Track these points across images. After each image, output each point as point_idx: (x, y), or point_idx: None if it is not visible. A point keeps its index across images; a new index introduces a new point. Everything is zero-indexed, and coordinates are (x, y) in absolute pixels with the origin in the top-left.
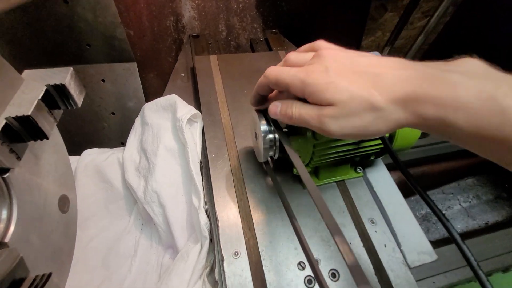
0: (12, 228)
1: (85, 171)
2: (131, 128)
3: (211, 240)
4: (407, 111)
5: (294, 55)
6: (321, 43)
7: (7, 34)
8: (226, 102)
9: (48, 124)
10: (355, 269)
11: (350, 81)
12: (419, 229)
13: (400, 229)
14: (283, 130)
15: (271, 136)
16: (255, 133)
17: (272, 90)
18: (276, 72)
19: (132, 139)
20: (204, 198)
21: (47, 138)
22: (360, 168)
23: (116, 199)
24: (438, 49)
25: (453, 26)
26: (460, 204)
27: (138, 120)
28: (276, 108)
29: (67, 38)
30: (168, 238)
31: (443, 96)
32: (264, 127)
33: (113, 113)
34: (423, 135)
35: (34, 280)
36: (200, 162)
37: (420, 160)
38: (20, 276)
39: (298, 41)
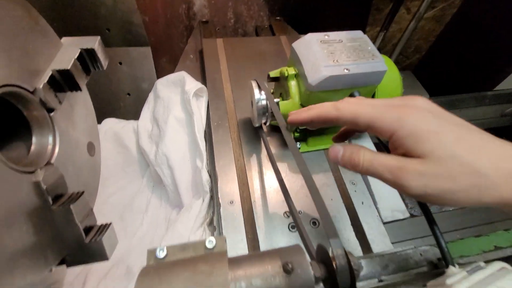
0: (56, 152)
1: (105, 136)
2: None
3: (211, 197)
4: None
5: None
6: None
7: None
8: (229, 79)
9: (81, 79)
10: (326, 220)
11: (456, 138)
12: (395, 191)
13: (378, 190)
14: (275, 100)
15: (263, 103)
16: (251, 101)
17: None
18: (354, 106)
19: (146, 111)
20: (207, 160)
21: (81, 90)
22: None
23: (131, 163)
24: (445, 40)
25: (461, 16)
26: None
27: (151, 95)
28: (337, 152)
29: (89, 22)
30: (175, 197)
31: None
32: (258, 95)
33: (129, 94)
34: None
35: (71, 194)
36: (204, 130)
37: None
38: (61, 190)
39: (302, 29)
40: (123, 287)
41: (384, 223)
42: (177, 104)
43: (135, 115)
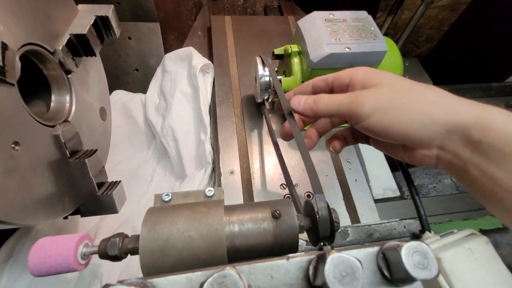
0: (73, 111)
1: (114, 106)
2: None
3: (213, 169)
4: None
5: None
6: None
7: None
8: (236, 56)
9: (96, 45)
10: (312, 177)
11: (402, 78)
12: (388, 171)
13: (371, 169)
14: (278, 77)
15: (266, 79)
16: (255, 77)
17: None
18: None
19: (153, 84)
20: (210, 134)
21: (95, 56)
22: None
23: (138, 134)
24: (458, 30)
25: (477, 6)
26: (450, 179)
27: (159, 69)
28: (300, 99)
29: None
30: (179, 168)
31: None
32: (261, 71)
33: (137, 70)
34: None
35: (86, 151)
36: (209, 105)
37: None
38: (77, 147)
39: (312, 9)
40: None
41: (375, 200)
42: (184, 78)
43: (143, 91)
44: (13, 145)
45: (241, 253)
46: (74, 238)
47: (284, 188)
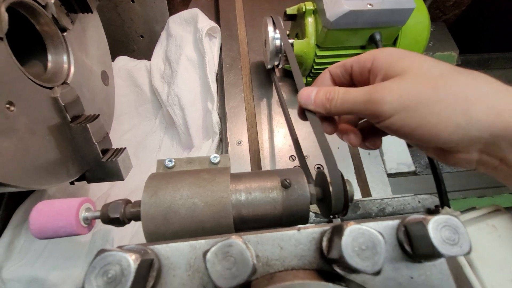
0: (71, 73)
1: (118, 73)
2: None
3: (220, 139)
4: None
5: None
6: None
7: None
8: (244, 19)
9: (92, 1)
10: (325, 149)
11: (432, 61)
12: (404, 145)
13: (386, 143)
14: (289, 40)
15: (277, 42)
16: (265, 41)
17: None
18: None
19: (158, 50)
20: (217, 103)
21: (91, 12)
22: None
23: (144, 102)
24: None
25: None
26: None
27: (163, 34)
28: (310, 93)
29: None
30: (186, 138)
31: None
32: (272, 33)
33: (142, 36)
34: None
35: (88, 116)
36: (216, 72)
37: None
38: (78, 111)
39: None
40: None
41: (388, 175)
42: (190, 43)
43: (149, 59)
44: (7, 105)
45: (248, 222)
46: (74, 202)
47: (294, 160)
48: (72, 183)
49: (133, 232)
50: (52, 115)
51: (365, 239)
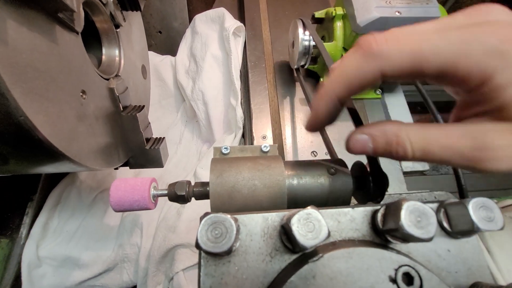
0: (122, 66)
1: None
2: (174, 49)
3: (243, 135)
4: None
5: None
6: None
7: None
8: (268, 20)
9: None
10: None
11: None
12: None
13: None
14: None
15: (306, 44)
16: (293, 42)
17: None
18: (409, 39)
19: (183, 46)
20: (241, 99)
21: (141, 10)
22: (380, 90)
23: (167, 96)
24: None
25: None
26: None
27: (188, 31)
28: (365, 143)
29: None
30: (207, 132)
31: None
32: (302, 35)
33: (160, 32)
34: None
35: (135, 106)
36: (240, 70)
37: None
38: (127, 102)
39: None
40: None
41: (404, 173)
42: (215, 41)
43: (166, 54)
44: (81, 94)
45: (298, 204)
46: (146, 180)
47: (315, 156)
48: (116, 168)
49: (161, 217)
50: (109, 104)
51: (419, 212)
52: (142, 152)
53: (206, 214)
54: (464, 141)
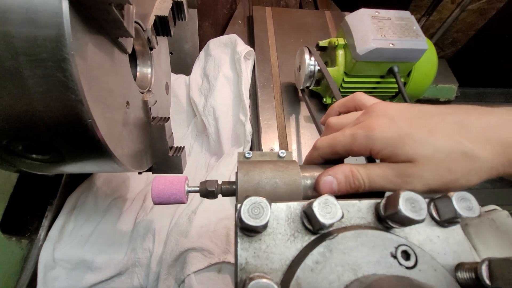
0: (153, 82)
1: None
2: (183, 69)
3: (250, 149)
4: (505, 158)
5: (335, 119)
6: (362, 95)
7: None
8: (275, 45)
9: (172, 26)
10: None
11: (429, 131)
12: None
13: None
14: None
15: (312, 68)
16: (299, 66)
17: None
18: (328, 140)
19: (197, 67)
20: (250, 115)
21: (171, 36)
22: None
23: (180, 112)
24: (485, 35)
25: (507, 11)
26: None
27: (202, 53)
28: (331, 183)
29: None
30: (216, 145)
31: None
32: (308, 60)
33: (171, 53)
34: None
35: (162, 117)
36: (249, 90)
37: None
38: (155, 114)
39: (345, 7)
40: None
41: None
42: (227, 63)
43: (176, 73)
44: (126, 104)
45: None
46: (182, 178)
47: None
48: (140, 172)
49: (172, 224)
50: (143, 114)
51: (413, 200)
52: (165, 158)
53: (246, 197)
54: (389, 171)
